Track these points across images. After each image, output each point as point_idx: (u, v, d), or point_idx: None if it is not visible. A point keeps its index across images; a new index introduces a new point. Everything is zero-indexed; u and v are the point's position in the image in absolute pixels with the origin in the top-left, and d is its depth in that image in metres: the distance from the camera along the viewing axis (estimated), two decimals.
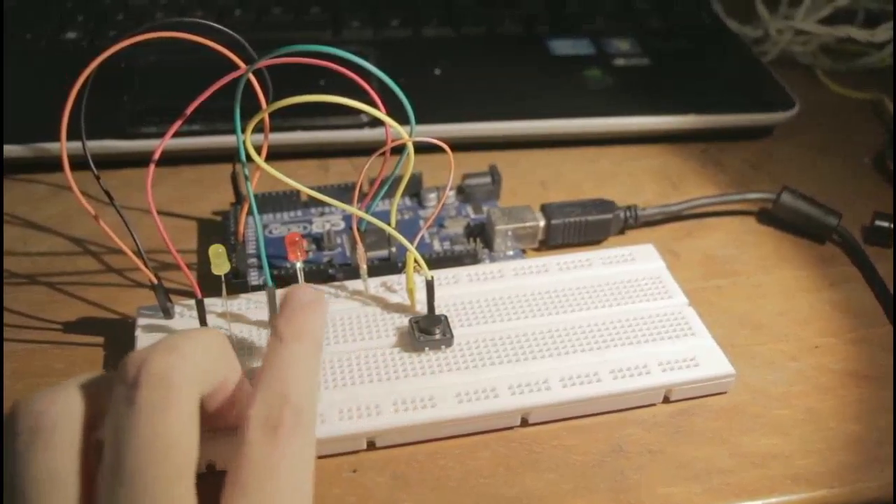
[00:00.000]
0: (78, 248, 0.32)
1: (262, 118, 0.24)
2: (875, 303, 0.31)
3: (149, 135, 0.36)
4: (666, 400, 0.27)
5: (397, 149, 0.26)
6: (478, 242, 0.32)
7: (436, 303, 0.27)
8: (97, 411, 0.20)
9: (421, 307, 0.28)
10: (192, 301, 0.27)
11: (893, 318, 0.30)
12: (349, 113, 0.35)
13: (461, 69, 0.42)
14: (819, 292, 0.32)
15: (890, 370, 0.28)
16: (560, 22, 0.46)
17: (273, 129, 0.27)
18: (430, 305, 0.27)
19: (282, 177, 0.24)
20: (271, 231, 0.32)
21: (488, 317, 0.28)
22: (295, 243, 0.26)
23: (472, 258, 0.31)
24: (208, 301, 0.27)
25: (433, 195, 0.34)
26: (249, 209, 0.26)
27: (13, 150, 0.35)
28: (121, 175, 0.35)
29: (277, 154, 0.35)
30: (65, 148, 0.23)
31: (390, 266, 0.30)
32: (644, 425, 0.26)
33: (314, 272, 0.29)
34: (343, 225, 0.33)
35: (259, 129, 0.26)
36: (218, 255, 0.25)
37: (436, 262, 0.30)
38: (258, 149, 0.24)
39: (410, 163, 0.26)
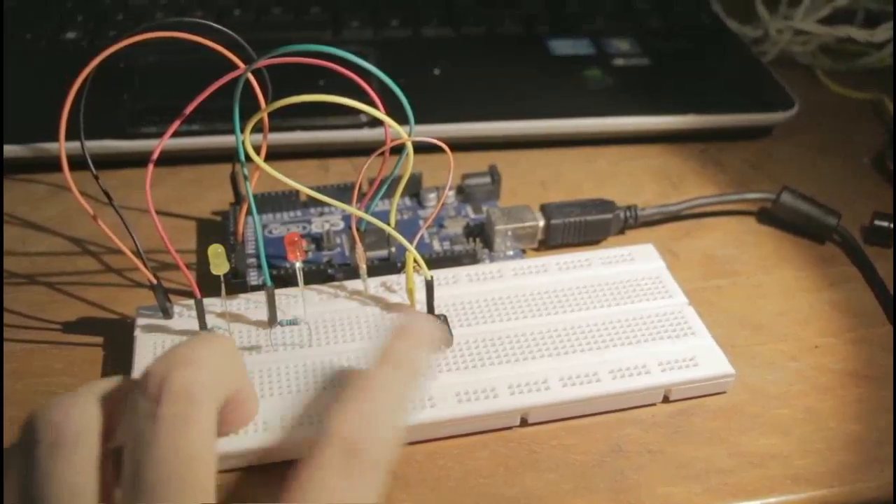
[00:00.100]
0: (77, 249, 0.32)
1: (262, 118, 0.24)
2: (875, 303, 0.31)
3: (148, 135, 0.36)
4: (665, 400, 0.27)
5: (397, 149, 0.26)
6: (477, 242, 0.32)
7: (435, 303, 0.27)
8: (114, 421, 0.19)
9: (420, 307, 0.28)
10: (192, 301, 0.27)
11: (893, 318, 0.30)
12: (349, 113, 0.35)
13: (461, 69, 0.42)
14: (819, 292, 0.32)
15: (890, 370, 0.28)
16: (560, 22, 0.46)
17: (272, 129, 0.27)
18: (430, 305, 0.27)
19: (281, 177, 0.24)
20: (271, 231, 0.32)
21: (488, 317, 0.28)
22: (294, 243, 0.26)
23: (472, 258, 0.31)
24: (207, 301, 0.27)
25: (433, 195, 0.34)
26: (249, 209, 0.26)
27: (13, 150, 0.35)
28: (120, 175, 0.35)
29: (277, 154, 0.35)
30: (63, 148, 0.23)
31: (390, 266, 0.30)
32: (643, 425, 0.26)
33: (313, 272, 0.29)
34: (342, 225, 0.33)
35: (258, 129, 0.26)
36: (217, 255, 0.25)
37: (435, 262, 0.30)
38: (257, 149, 0.24)
39: (410, 163, 0.26)
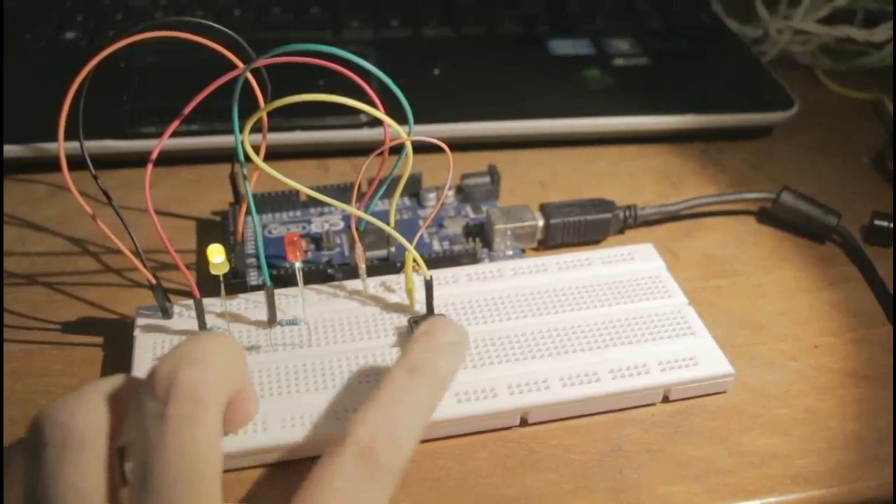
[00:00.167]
0: (77, 249, 0.32)
1: (261, 117, 0.24)
2: (875, 302, 0.31)
3: (148, 135, 0.36)
4: (665, 399, 0.27)
5: (396, 148, 0.26)
6: (477, 242, 0.32)
7: (435, 302, 0.27)
8: (120, 420, 0.19)
9: (420, 307, 0.28)
10: (191, 301, 0.27)
11: (893, 318, 0.30)
12: (348, 113, 0.35)
13: (461, 69, 0.42)
14: (819, 292, 0.32)
15: (890, 370, 0.28)
16: (560, 22, 0.46)
17: (272, 129, 0.27)
18: (430, 305, 0.27)
19: (281, 177, 0.24)
20: (270, 231, 0.32)
21: (487, 316, 0.28)
22: (294, 243, 0.26)
23: (472, 258, 0.31)
24: (207, 301, 0.27)
25: (432, 195, 0.34)
26: (248, 209, 0.26)
27: (12, 150, 0.35)
28: (120, 175, 0.35)
29: (276, 154, 0.35)
30: (62, 148, 0.23)
31: (389, 266, 0.30)
32: (643, 425, 0.26)
33: (313, 272, 0.29)
34: (342, 225, 0.33)
35: (258, 129, 0.26)
36: (216, 255, 0.25)
37: (435, 262, 0.30)
38: (257, 149, 0.24)
39: (409, 162, 0.26)
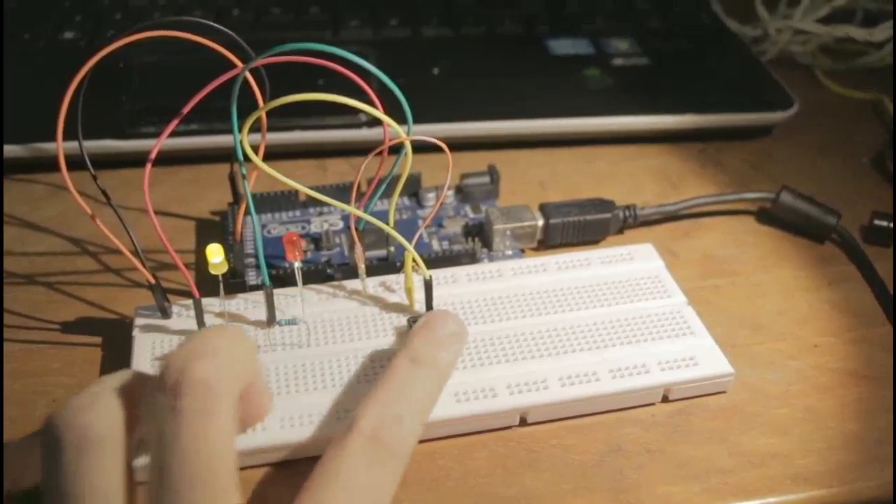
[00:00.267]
0: (76, 249, 0.32)
1: (259, 117, 0.24)
2: (874, 302, 0.31)
3: (147, 134, 0.36)
4: (665, 399, 0.27)
5: (396, 148, 0.26)
6: (476, 242, 0.32)
7: (434, 302, 0.27)
8: (134, 415, 0.19)
9: (419, 307, 0.28)
10: (190, 301, 0.27)
11: (893, 318, 0.30)
12: (347, 112, 0.36)
13: (460, 69, 0.42)
14: (818, 292, 0.31)
15: (889, 370, 0.28)
16: (560, 22, 0.46)
17: (271, 129, 0.27)
18: (429, 305, 0.27)
19: (280, 176, 0.23)
20: (269, 231, 0.32)
21: (487, 316, 0.28)
22: (293, 243, 0.26)
23: (471, 258, 0.31)
24: (206, 301, 0.27)
25: (432, 195, 0.34)
26: (247, 209, 0.26)
27: (12, 150, 0.35)
28: (119, 175, 0.35)
29: (275, 154, 0.35)
30: (61, 147, 0.23)
31: (389, 266, 0.30)
32: (643, 425, 0.26)
33: (312, 272, 0.29)
34: (341, 224, 0.33)
35: (257, 129, 0.26)
36: (215, 255, 0.25)
37: (434, 262, 0.30)
38: (256, 149, 0.24)
39: (408, 162, 0.26)
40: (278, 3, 0.45)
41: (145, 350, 0.26)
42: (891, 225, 0.34)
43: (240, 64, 0.24)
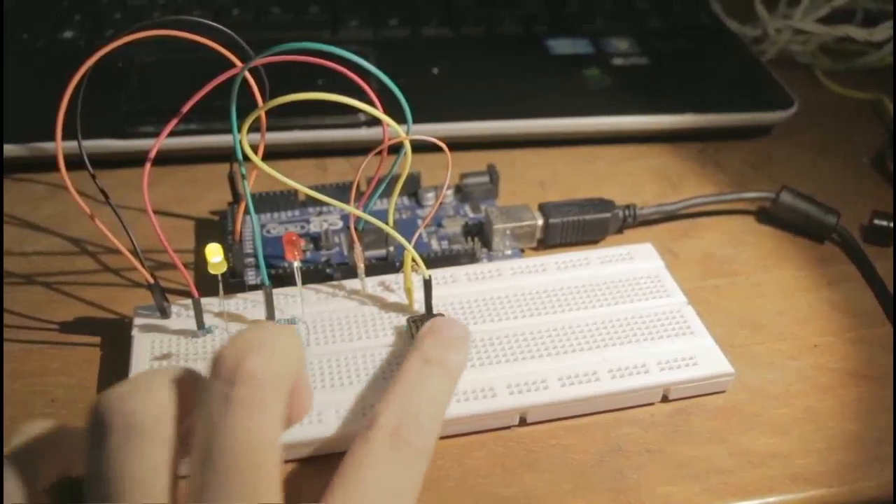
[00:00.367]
0: (75, 248, 0.32)
1: (259, 116, 0.24)
2: (874, 302, 0.31)
3: (146, 134, 0.35)
4: (664, 399, 0.27)
5: (395, 147, 0.26)
6: (476, 242, 0.32)
7: (434, 302, 0.27)
8: (184, 406, 0.19)
9: (419, 306, 0.28)
10: (189, 301, 0.26)
11: (893, 318, 0.30)
12: (347, 112, 0.36)
13: (460, 69, 0.41)
14: (818, 291, 0.31)
15: (889, 369, 0.28)
16: (560, 22, 0.46)
17: (270, 129, 0.27)
18: (428, 305, 0.27)
19: (279, 176, 0.23)
20: (269, 231, 0.32)
21: (486, 316, 0.28)
22: (292, 242, 0.26)
23: (470, 257, 0.31)
24: (205, 301, 0.27)
25: (431, 194, 0.34)
26: (246, 208, 0.26)
27: (11, 150, 0.35)
28: (118, 175, 0.35)
29: (275, 154, 0.35)
30: (60, 147, 0.23)
31: (388, 265, 0.30)
32: (642, 424, 0.26)
33: (312, 272, 0.29)
34: (341, 224, 0.33)
35: (256, 129, 0.26)
36: (215, 255, 0.25)
37: (434, 262, 0.30)
38: (255, 148, 0.24)
39: (408, 161, 0.26)
40: (278, 3, 0.45)
41: (144, 350, 0.26)
42: (891, 225, 0.34)
43: (239, 63, 0.24)
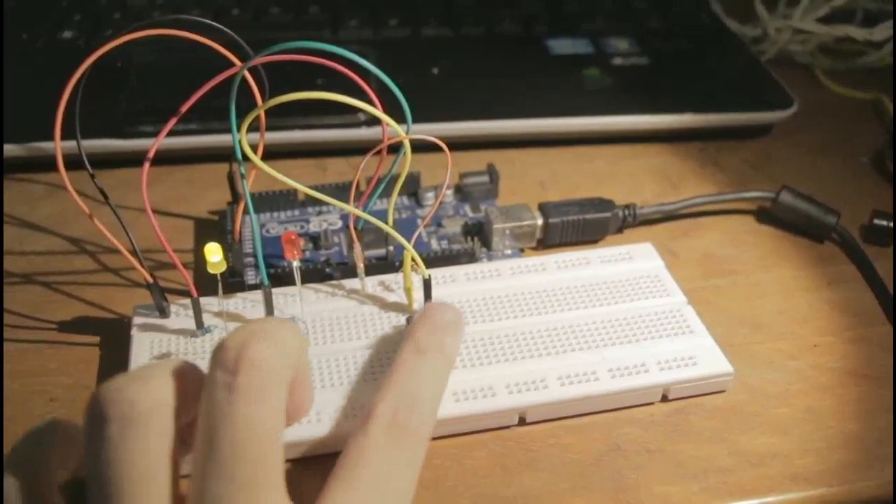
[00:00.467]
0: (74, 248, 0.32)
1: (258, 116, 0.24)
2: (874, 302, 0.31)
3: (145, 134, 0.35)
4: (664, 399, 0.26)
5: (395, 147, 0.26)
6: (475, 241, 0.32)
7: (433, 302, 0.27)
8: (183, 399, 0.19)
9: (418, 306, 0.28)
10: (189, 300, 0.26)
11: (893, 318, 0.30)
12: (346, 112, 0.36)
13: (460, 69, 0.41)
14: (818, 291, 0.31)
15: (889, 369, 0.28)
16: (559, 22, 0.46)
17: (270, 129, 0.27)
18: None
19: (279, 175, 0.23)
20: (268, 230, 0.32)
21: (486, 316, 0.28)
22: (291, 242, 0.26)
23: (470, 257, 0.31)
24: (205, 300, 0.27)
25: (431, 194, 0.34)
26: (246, 208, 0.26)
27: (10, 150, 0.35)
28: (117, 174, 0.35)
29: (274, 153, 0.35)
30: (59, 147, 0.23)
31: (387, 265, 0.30)
32: (642, 424, 0.26)
33: (311, 271, 0.29)
34: (340, 224, 0.32)
35: (256, 129, 0.26)
36: (214, 254, 0.25)
37: (433, 261, 0.30)
38: (255, 148, 0.24)
39: (407, 161, 0.26)
40: (277, 3, 0.45)
41: (144, 349, 0.26)
42: (891, 224, 0.33)
43: (238, 63, 0.24)
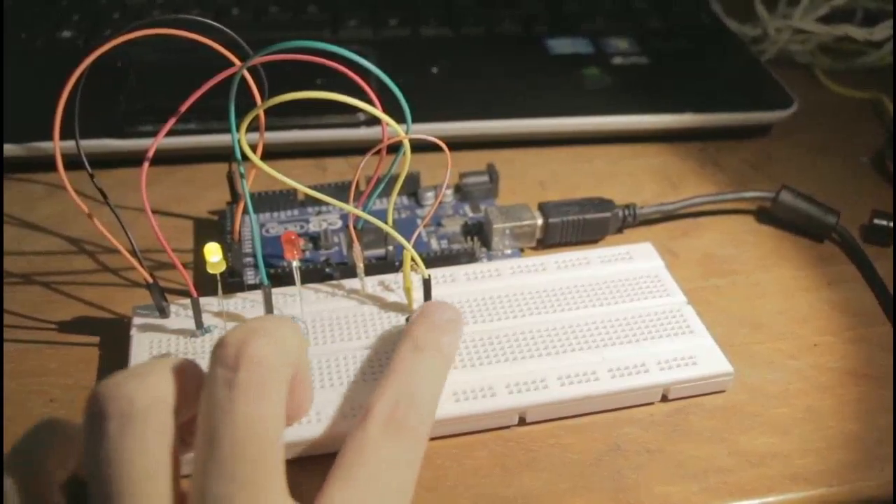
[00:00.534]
0: (74, 248, 0.32)
1: (257, 115, 0.24)
2: (874, 301, 0.31)
3: (144, 133, 0.35)
4: (664, 399, 0.26)
5: (395, 147, 0.26)
6: (475, 241, 0.32)
7: (432, 301, 0.27)
8: (182, 396, 0.19)
9: (418, 306, 0.28)
10: (188, 300, 0.26)
11: (893, 317, 0.30)
12: (346, 111, 0.36)
13: (460, 68, 0.41)
14: (818, 291, 0.31)
15: (889, 369, 0.28)
16: (559, 22, 0.46)
17: (269, 128, 0.27)
18: None
19: (278, 175, 0.23)
20: (268, 230, 0.32)
21: (486, 316, 0.28)
22: (291, 242, 0.26)
23: (470, 257, 0.31)
24: (204, 300, 0.27)
25: (430, 194, 0.34)
26: (245, 208, 0.26)
27: (10, 150, 0.35)
28: (117, 174, 0.35)
29: (274, 153, 0.35)
30: (58, 146, 0.23)
31: (387, 265, 0.30)
32: (642, 424, 0.26)
33: (311, 271, 0.29)
34: (340, 224, 0.32)
35: (255, 128, 0.26)
36: (213, 254, 0.25)
37: (433, 261, 0.30)
38: (254, 148, 0.24)
39: (407, 161, 0.26)
40: (277, 3, 0.45)
41: (143, 350, 0.26)
42: (890, 224, 0.33)
43: (238, 63, 0.24)
